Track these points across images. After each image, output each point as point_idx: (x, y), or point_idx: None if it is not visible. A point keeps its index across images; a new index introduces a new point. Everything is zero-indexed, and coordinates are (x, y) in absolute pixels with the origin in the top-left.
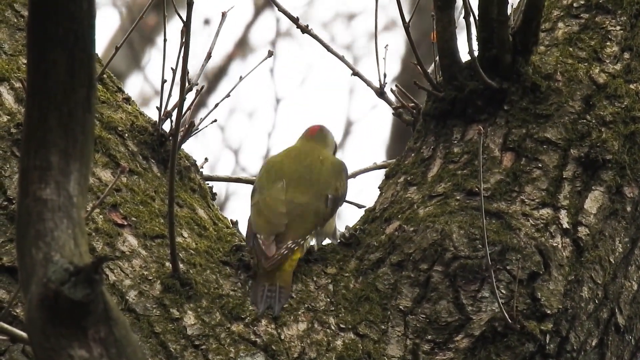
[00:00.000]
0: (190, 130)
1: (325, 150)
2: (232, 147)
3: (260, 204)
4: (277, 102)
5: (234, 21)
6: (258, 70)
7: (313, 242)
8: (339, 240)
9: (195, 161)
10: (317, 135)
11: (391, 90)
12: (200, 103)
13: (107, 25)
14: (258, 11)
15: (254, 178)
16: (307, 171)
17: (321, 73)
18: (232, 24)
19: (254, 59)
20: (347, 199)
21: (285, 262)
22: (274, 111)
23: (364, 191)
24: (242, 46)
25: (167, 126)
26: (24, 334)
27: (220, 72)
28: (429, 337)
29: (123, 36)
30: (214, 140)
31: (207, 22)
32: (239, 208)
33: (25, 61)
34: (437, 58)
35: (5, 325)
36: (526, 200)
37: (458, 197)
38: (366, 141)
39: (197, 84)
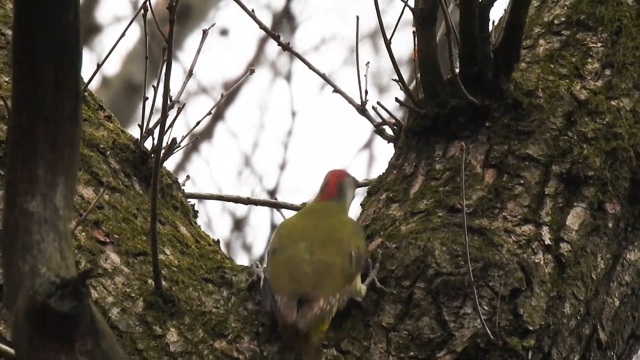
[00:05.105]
0: (172, 147)
1: (344, 214)
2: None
3: (284, 263)
4: (293, 115)
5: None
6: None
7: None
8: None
9: (177, 179)
10: (336, 195)
11: (372, 107)
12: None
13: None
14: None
15: (237, 196)
16: (330, 231)
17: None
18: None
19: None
20: None
21: (313, 335)
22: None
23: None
24: (257, 59)
25: (149, 144)
26: (9, 349)
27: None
28: (412, 353)
29: (142, 48)
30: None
31: (224, 32)
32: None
33: (7, 79)
34: (419, 75)
35: None
36: (508, 217)
37: (440, 214)
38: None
39: (178, 102)
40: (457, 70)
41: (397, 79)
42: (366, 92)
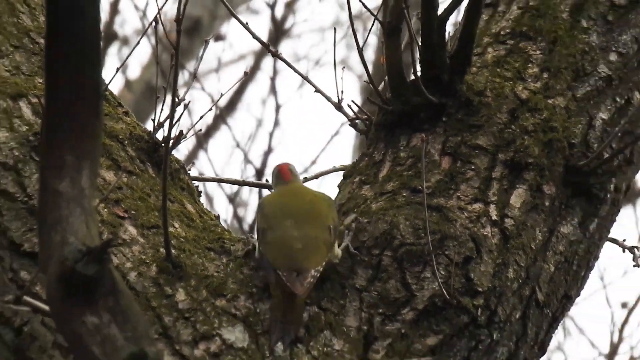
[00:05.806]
0: (180, 138)
1: (309, 188)
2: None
3: (277, 241)
4: (278, 108)
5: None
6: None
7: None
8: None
9: (184, 164)
10: (292, 177)
11: (347, 105)
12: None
13: (147, 48)
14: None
15: (236, 179)
16: (310, 207)
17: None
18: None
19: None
20: None
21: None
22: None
23: (326, 190)
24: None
25: (160, 135)
26: (44, 306)
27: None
28: (380, 310)
29: (159, 57)
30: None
31: (218, 38)
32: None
33: (41, 80)
34: (387, 78)
35: (29, 299)
36: (461, 197)
37: (404, 194)
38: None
39: (184, 99)
40: (419, 74)
41: (369, 81)
42: (342, 91)
